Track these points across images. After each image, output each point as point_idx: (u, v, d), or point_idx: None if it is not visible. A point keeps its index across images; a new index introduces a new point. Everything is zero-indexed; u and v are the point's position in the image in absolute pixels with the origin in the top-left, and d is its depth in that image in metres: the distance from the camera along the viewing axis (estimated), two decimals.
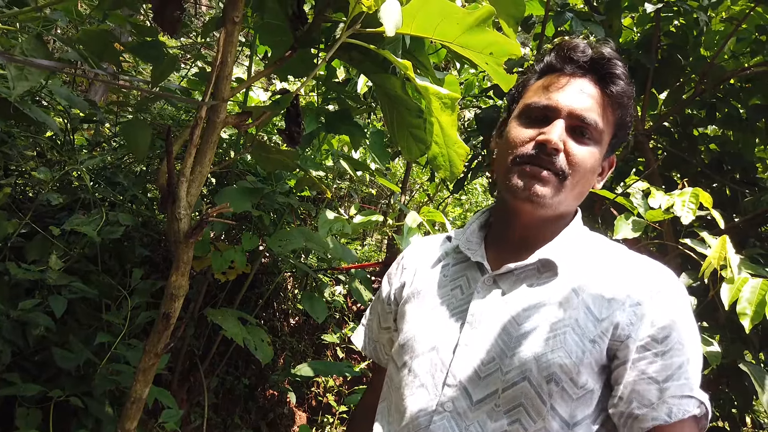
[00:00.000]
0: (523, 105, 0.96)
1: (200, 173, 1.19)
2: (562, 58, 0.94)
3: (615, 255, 0.94)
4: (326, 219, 1.78)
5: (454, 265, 1.02)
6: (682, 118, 2.76)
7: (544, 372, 0.83)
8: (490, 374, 0.87)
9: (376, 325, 1.16)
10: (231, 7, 1.13)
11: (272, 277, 3.07)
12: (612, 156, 1.01)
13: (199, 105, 1.14)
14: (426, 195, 5.93)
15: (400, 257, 1.16)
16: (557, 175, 0.89)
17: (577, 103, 0.90)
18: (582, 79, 0.93)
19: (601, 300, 0.87)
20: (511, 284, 0.92)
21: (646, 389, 0.83)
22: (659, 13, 2.43)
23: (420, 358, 0.95)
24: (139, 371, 1.22)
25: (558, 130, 0.89)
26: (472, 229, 1.04)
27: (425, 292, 1.02)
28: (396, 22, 1.07)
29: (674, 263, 2.14)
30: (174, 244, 1.18)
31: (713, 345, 1.68)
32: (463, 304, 0.95)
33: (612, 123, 0.94)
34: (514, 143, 0.92)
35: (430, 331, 0.96)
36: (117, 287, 1.90)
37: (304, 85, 1.34)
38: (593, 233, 1.00)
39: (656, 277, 0.89)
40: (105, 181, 2.01)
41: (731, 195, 2.52)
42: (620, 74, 0.93)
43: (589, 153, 0.91)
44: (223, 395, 2.96)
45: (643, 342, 0.84)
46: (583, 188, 0.94)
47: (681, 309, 0.87)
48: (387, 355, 1.14)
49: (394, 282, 1.12)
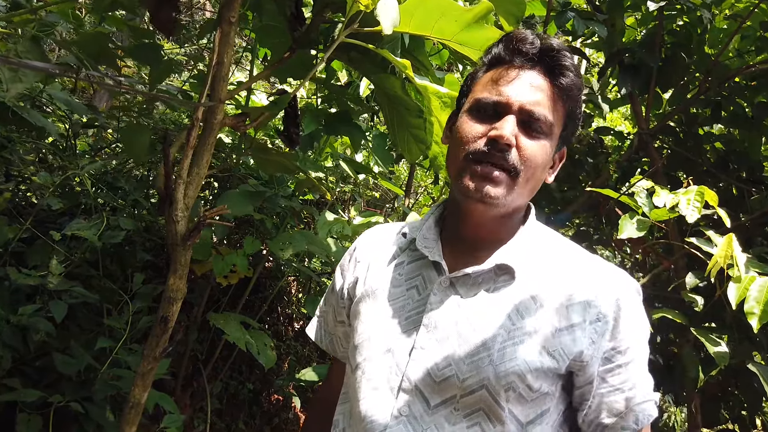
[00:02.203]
0: (473, 99, 0.93)
1: (197, 175, 1.18)
2: (511, 50, 0.92)
3: (571, 258, 0.94)
4: (326, 221, 1.76)
5: (410, 263, 1.00)
6: (686, 117, 2.74)
7: (502, 381, 0.83)
8: (445, 379, 0.86)
9: (332, 318, 1.13)
10: (227, 7, 1.12)
11: (275, 281, 3.06)
12: (563, 149, 0.99)
13: (195, 106, 1.13)
14: (430, 198, 5.91)
15: (352, 248, 1.13)
16: (509, 172, 0.87)
17: (527, 96, 0.89)
18: (531, 71, 0.91)
19: (559, 308, 0.87)
20: (468, 288, 0.91)
21: (614, 400, 0.86)
22: (662, 11, 2.41)
23: (374, 360, 0.93)
24: (138, 376, 1.21)
25: (510, 125, 0.87)
26: (428, 225, 1.01)
27: (379, 292, 0.99)
28: (393, 20, 1.06)
29: (679, 263, 2.11)
30: (171, 247, 1.17)
31: (721, 345, 1.65)
32: (419, 306, 0.93)
33: (562, 115, 0.93)
34: (465, 139, 0.90)
35: (384, 333, 0.94)
36: (118, 292, 1.90)
37: (303, 86, 1.33)
38: (547, 231, 1.00)
39: (614, 286, 0.89)
40: (106, 186, 2.01)
41: (737, 194, 2.50)
42: (569, 66, 0.91)
43: (540, 147, 0.90)
44: (227, 400, 2.95)
45: (607, 354, 0.86)
46: (536, 183, 0.93)
47: (638, 315, 0.90)
48: (344, 348, 1.11)
49: (347, 276, 1.09)
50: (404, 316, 0.94)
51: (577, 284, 0.89)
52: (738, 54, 2.67)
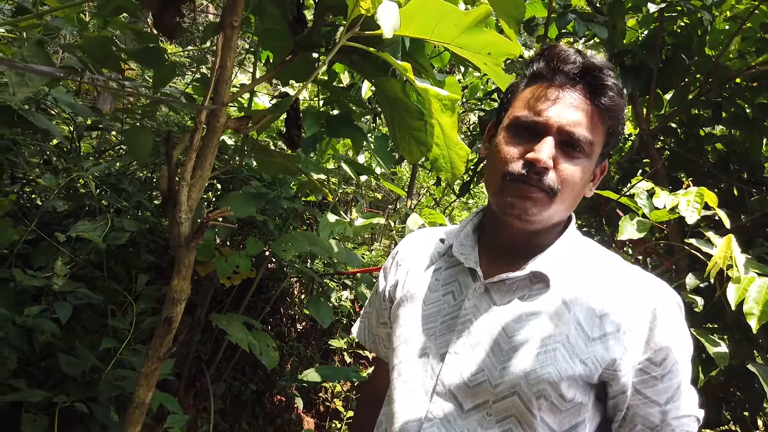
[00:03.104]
0: (513, 117, 0.93)
1: (201, 177, 1.19)
2: (552, 69, 0.91)
3: (608, 268, 0.93)
4: (327, 222, 1.78)
5: (447, 268, 1.01)
6: (687, 118, 2.74)
7: (533, 388, 0.83)
8: (479, 384, 0.87)
9: (375, 319, 1.16)
10: (229, 11, 1.13)
11: (278, 282, 3.07)
12: (604, 162, 0.99)
13: (198, 109, 1.14)
14: (432, 199, 5.92)
15: (395, 251, 1.16)
16: (546, 192, 0.87)
17: (567, 118, 0.87)
18: (572, 91, 0.89)
19: (594, 318, 0.86)
20: (503, 295, 0.92)
21: (649, 412, 0.85)
22: (663, 13, 2.42)
23: (410, 363, 0.95)
24: (142, 376, 1.22)
25: (548, 148, 0.86)
26: (465, 232, 1.02)
27: (417, 296, 1.01)
28: (393, 24, 1.07)
29: (681, 264, 2.12)
30: (175, 248, 1.18)
31: (721, 346, 1.66)
32: (454, 310, 0.95)
33: (603, 133, 0.92)
34: (504, 159, 0.90)
35: (420, 337, 0.96)
36: (122, 293, 1.91)
37: (305, 89, 1.34)
38: (587, 241, 1.00)
39: (651, 296, 0.88)
40: (110, 188, 2.02)
41: (738, 195, 2.50)
42: (611, 85, 0.90)
43: (580, 168, 0.89)
44: (231, 401, 2.96)
45: (642, 365, 0.85)
46: (575, 200, 0.93)
47: (677, 328, 0.87)
48: (386, 348, 1.14)
49: (390, 278, 1.12)
50: (440, 320, 0.95)
51: (613, 294, 0.88)
52: (738, 55, 2.67)
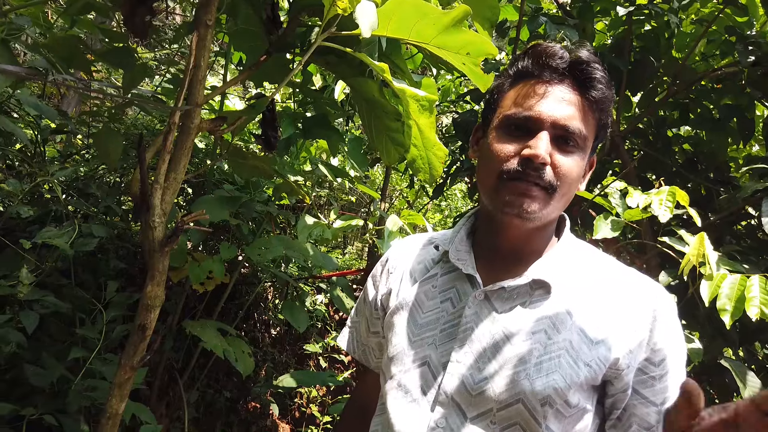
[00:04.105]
0: (503, 116, 0.92)
1: (174, 180, 1.16)
2: (540, 65, 0.90)
3: (607, 271, 0.93)
4: (305, 224, 1.75)
5: (443, 275, 0.99)
6: (656, 119, 2.80)
7: (538, 396, 0.82)
8: (482, 392, 0.85)
9: (365, 328, 1.13)
10: (203, 10, 1.11)
11: (252, 287, 3.03)
12: (593, 157, 0.99)
13: (172, 110, 1.11)
14: (406, 201, 5.93)
15: (384, 259, 1.13)
16: (546, 189, 0.86)
17: (560, 112, 0.87)
18: (561, 86, 0.89)
19: (595, 322, 0.86)
20: (504, 302, 0.91)
21: (645, 412, 0.85)
22: (631, 16, 2.46)
23: (410, 372, 0.93)
24: (115, 386, 1.18)
25: (543, 143, 0.85)
26: (460, 237, 1.01)
27: (413, 304, 0.99)
28: (372, 24, 1.06)
29: (652, 262, 2.16)
30: (149, 254, 1.15)
31: (695, 342, 1.69)
32: (453, 318, 0.93)
33: (594, 127, 0.92)
34: (498, 158, 0.89)
35: (419, 346, 0.94)
36: (91, 301, 1.86)
37: (280, 90, 1.32)
38: (582, 244, 0.99)
39: (651, 297, 0.88)
40: (77, 193, 1.97)
41: (706, 193, 2.56)
42: (599, 78, 0.89)
43: (575, 162, 0.89)
44: (204, 409, 2.91)
45: (641, 365, 0.85)
46: (570, 196, 0.92)
47: (674, 329, 0.88)
48: (377, 359, 1.12)
49: (381, 287, 1.09)
50: (439, 328, 0.93)
51: (613, 296, 0.88)
52: (704, 58, 2.74)
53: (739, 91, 2.46)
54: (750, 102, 2.46)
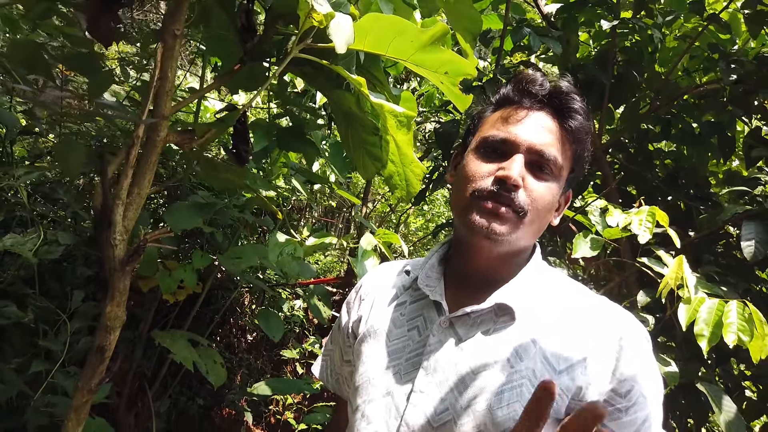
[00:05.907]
0: (481, 138, 0.92)
1: (138, 195, 1.11)
2: (520, 91, 0.92)
3: (574, 299, 0.91)
4: (276, 242, 1.70)
5: (412, 302, 0.97)
6: (637, 133, 2.80)
7: (500, 427, 0.79)
8: (443, 424, 0.82)
9: (338, 357, 1.10)
10: (171, 19, 1.06)
11: (228, 292, 2.97)
12: (569, 192, 0.98)
13: (136, 123, 1.06)
14: (387, 206, 5.89)
15: (359, 286, 1.11)
16: (516, 212, 0.85)
17: (537, 137, 0.87)
18: (540, 113, 0.90)
19: (560, 350, 0.83)
20: (468, 329, 0.88)
21: None
22: (615, 30, 2.45)
23: (374, 402, 0.90)
24: (71, 409, 1.13)
25: (518, 165, 0.85)
26: (431, 263, 0.99)
27: (381, 332, 0.96)
28: (347, 39, 1.02)
29: (630, 279, 2.15)
30: (109, 272, 1.09)
31: (672, 365, 1.67)
32: (419, 347, 0.90)
33: (570, 158, 0.92)
34: (472, 177, 0.89)
35: (384, 375, 0.91)
36: (56, 311, 1.79)
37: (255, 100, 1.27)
38: (553, 271, 0.97)
39: (617, 326, 0.86)
40: (44, 197, 1.90)
41: (686, 210, 2.56)
42: (578, 108, 0.90)
43: (548, 189, 0.88)
44: (177, 416, 2.84)
45: (607, 396, 0.81)
46: (541, 224, 0.91)
47: (643, 360, 0.85)
48: (349, 389, 1.09)
49: (353, 314, 1.07)
50: (404, 357, 0.91)
51: (579, 325, 0.86)
52: (687, 73, 2.74)
53: (721, 108, 2.46)
54: (731, 119, 2.46)
